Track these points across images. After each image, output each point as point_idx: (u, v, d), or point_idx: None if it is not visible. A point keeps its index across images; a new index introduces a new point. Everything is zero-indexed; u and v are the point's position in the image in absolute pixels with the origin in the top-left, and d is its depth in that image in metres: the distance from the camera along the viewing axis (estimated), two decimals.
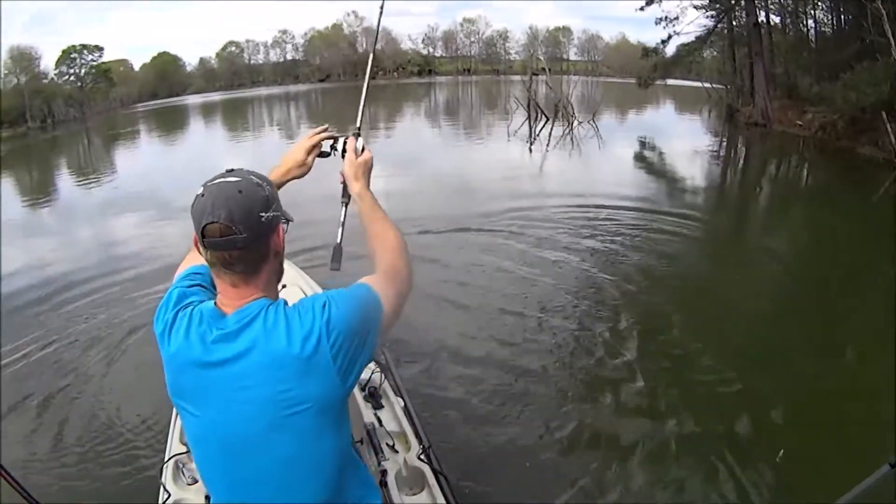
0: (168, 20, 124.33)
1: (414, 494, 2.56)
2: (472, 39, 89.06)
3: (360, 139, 1.99)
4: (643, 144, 18.07)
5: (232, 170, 1.49)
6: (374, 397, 3.12)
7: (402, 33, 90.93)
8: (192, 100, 72.30)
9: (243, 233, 1.38)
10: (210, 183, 1.43)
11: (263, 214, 1.42)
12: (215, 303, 1.51)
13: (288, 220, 1.56)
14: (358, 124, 2.14)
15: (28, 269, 8.60)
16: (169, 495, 2.54)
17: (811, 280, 6.84)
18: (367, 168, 1.95)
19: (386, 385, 3.21)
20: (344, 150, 1.97)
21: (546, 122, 21.60)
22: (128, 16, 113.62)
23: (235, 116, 45.78)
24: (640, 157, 15.93)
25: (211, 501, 1.62)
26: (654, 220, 8.56)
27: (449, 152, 18.42)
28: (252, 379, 1.41)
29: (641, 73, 29.28)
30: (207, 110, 54.42)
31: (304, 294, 3.72)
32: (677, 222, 8.44)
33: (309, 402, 1.42)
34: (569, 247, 7.67)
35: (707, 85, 26.67)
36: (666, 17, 25.23)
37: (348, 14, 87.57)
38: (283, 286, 1.89)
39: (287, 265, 1.83)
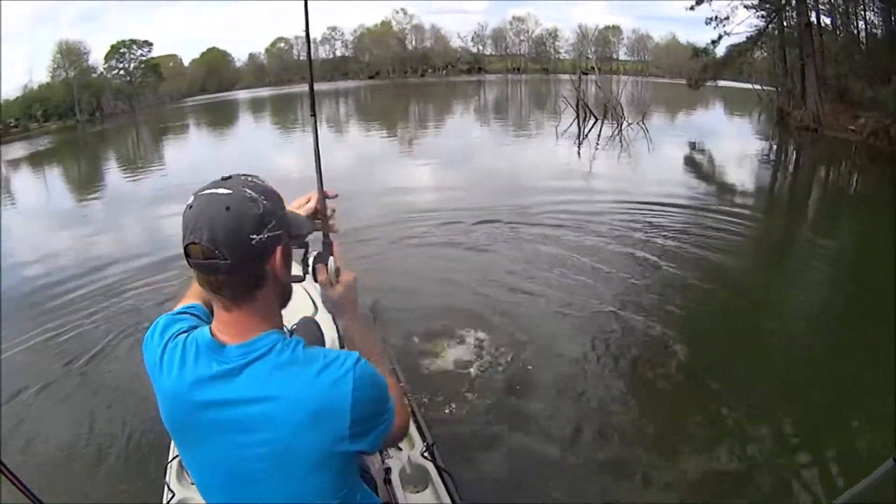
0: (217, 16, 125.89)
1: (418, 492, 2.55)
2: (522, 38, 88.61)
3: (332, 260, 1.65)
4: (693, 146, 17.93)
5: (228, 177, 1.33)
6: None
7: (452, 31, 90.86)
8: (242, 95, 73.39)
9: (227, 258, 1.25)
10: (200, 192, 1.29)
11: (255, 237, 1.26)
12: (211, 330, 1.39)
13: (295, 236, 1.47)
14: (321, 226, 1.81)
15: (41, 260, 8.83)
16: (173, 495, 2.54)
17: (859, 286, 6.72)
18: (350, 297, 1.66)
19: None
20: (315, 276, 1.65)
21: (595, 123, 21.47)
22: (177, 12, 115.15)
23: (284, 111, 46.32)
24: (689, 160, 15.84)
25: None
26: (701, 226, 8.50)
27: (498, 150, 18.48)
28: (256, 424, 1.31)
29: (692, 73, 28.90)
30: (256, 105, 55.14)
31: (310, 298, 3.87)
32: (725, 228, 8.44)
33: (316, 457, 1.34)
34: (609, 247, 7.64)
35: (757, 87, 26.08)
36: (716, 17, 24.95)
37: (397, 11, 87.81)
38: None
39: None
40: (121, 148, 31.82)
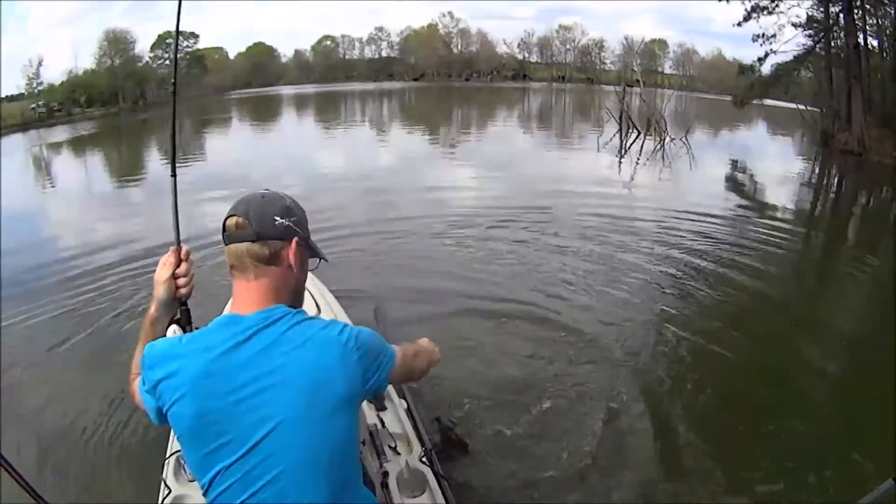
0: (265, 12, 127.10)
1: (415, 497, 2.58)
2: (568, 47, 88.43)
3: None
4: (735, 165, 17.73)
5: (267, 190, 1.65)
6: (377, 398, 3.12)
7: (498, 37, 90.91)
8: (286, 90, 74.08)
9: (254, 228, 1.55)
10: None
11: (278, 219, 1.57)
12: (229, 313, 1.60)
13: (308, 247, 1.68)
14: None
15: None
16: (170, 491, 2.57)
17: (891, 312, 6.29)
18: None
19: (389, 386, 3.01)
20: None
21: (638, 136, 21.37)
22: (225, 6, 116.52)
23: (328, 109, 46.93)
24: (731, 179, 15.67)
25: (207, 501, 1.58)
26: (740, 245, 8.50)
27: (538, 158, 18.62)
28: (288, 363, 1.48)
29: (738, 91, 28.66)
30: (301, 101, 55.83)
31: (312, 299, 4.06)
32: (763, 249, 8.40)
33: (340, 388, 1.50)
34: (644, 261, 7.60)
35: (801, 107, 25.50)
36: (763, 34, 24.67)
37: (444, 15, 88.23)
38: None
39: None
40: (163, 136, 32.38)
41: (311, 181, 14.04)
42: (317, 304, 4.05)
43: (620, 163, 17.11)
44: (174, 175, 2.07)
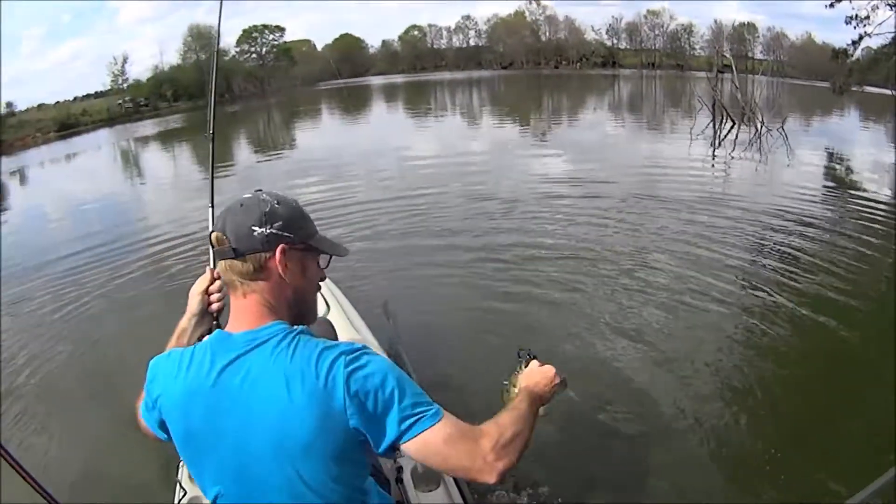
0: (353, 5, 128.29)
1: (429, 491, 2.56)
2: (657, 32, 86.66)
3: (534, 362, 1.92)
4: (830, 156, 16.90)
5: (259, 190, 1.57)
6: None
7: (586, 23, 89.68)
8: (375, 81, 75.25)
9: (232, 244, 1.49)
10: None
11: (256, 229, 1.48)
12: (222, 331, 1.56)
13: (310, 248, 1.60)
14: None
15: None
16: (185, 493, 2.56)
17: None
18: (546, 380, 1.80)
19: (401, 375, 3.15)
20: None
21: (732, 126, 20.67)
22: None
23: (418, 98, 47.69)
24: (830, 172, 14.80)
25: None
26: (838, 246, 7.80)
27: (630, 147, 18.59)
28: (261, 405, 1.40)
29: (833, 76, 27.54)
30: (390, 91, 56.50)
31: (322, 297, 3.84)
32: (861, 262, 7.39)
33: (306, 435, 1.39)
34: (736, 263, 7.23)
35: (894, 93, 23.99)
36: (856, 16, 23.90)
37: (531, 2, 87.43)
38: None
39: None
40: (252, 128, 33.65)
41: (404, 171, 14.71)
42: (326, 303, 4.00)
43: (714, 153, 16.72)
44: (212, 134, 2.37)
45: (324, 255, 1.65)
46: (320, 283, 1.69)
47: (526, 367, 1.89)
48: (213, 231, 1.55)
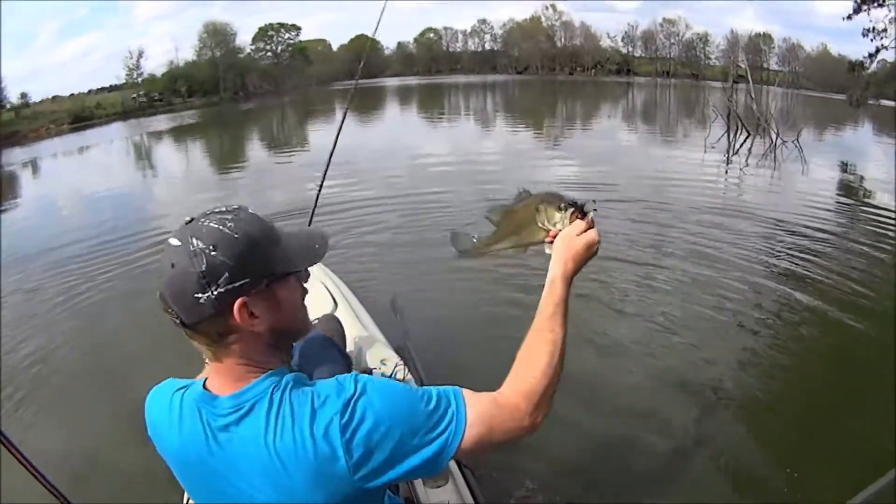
0: (369, 5, 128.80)
1: (438, 487, 2.52)
2: (672, 41, 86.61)
3: (590, 215, 1.52)
4: (850, 170, 16.63)
5: (190, 220, 1.27)
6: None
7: (601, 30, 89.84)
8: (390, 82, 75.28)
9: (179, 315, 1.24)
10: (169, 237, 1.27)
11: (200, 296, 1.21)
12: (204, 382, 1.35)
13: (280, 278, 1.32)
14: None
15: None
16: None
17: None
18: (588, 253, 1.52)
19: (409, 377, 3.10)
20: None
21: (747, 138, 20.41)
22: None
23: (432, 101, 47.67)
24: (845, 187, 14.45)
25: None
26: (846, 255, 7.76)
27: (642, 157, 18.33)
28: (263, 484, 1.27)
29: (850, 89, 27.40)
30: (404, 93, 56.58)
31: (329, 294, 3.93)
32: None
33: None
34: (747, 276, 6.99)
35: None
36: (873, 28, 23.85)
37: (547, 7, 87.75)
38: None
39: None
40: (266, 126, 33.64)
41: (414, 171, 14.69)
42: (334, 300, 3.91)
43: (728, 164, 16.54)
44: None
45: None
46: (307, 289, 1.44)
47: (570, 223, 1.52)
48: (159, 295, 1.27)
